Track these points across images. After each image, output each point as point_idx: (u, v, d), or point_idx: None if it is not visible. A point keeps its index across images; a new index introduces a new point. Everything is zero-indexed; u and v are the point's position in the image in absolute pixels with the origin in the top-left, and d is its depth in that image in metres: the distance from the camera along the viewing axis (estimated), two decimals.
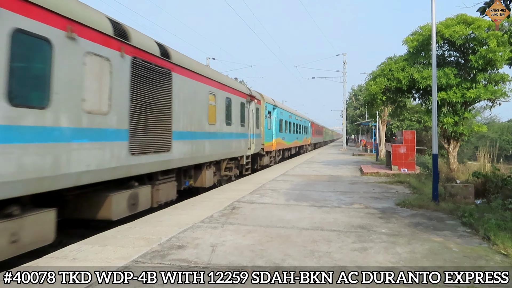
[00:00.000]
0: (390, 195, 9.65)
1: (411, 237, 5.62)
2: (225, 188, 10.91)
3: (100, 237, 5.57)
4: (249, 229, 6.01)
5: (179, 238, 5.45)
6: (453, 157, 12.92)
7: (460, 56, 12.81)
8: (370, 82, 14.23)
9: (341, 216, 7.05)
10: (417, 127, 27.25)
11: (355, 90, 54.59)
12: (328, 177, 13.97)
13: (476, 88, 11.28)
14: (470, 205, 7.76)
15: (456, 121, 11.93)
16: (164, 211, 7.55)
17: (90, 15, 5.96)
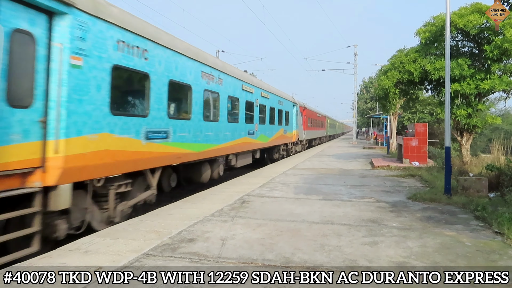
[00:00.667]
0: (401, 189, 9.55)
1: (422, 231, 5.56)
2: (235, 181, 10.93)
3: (112, 230, 5.64)
4: (259, 223, 6.02)
5: (190, 232, 5.49)
6: (466, 149, 12.71)
7: (474, 47, 12.54)
8: (382, 76, 14.03)
9: (351, 210, 7.01)
10: (429, 119, 26.87)
11: (366, 83, 53.93)
12: (338, 170, 13.89)
13: (490, 79, 11.03)
14: (483, 199, 7.65)
15: (470, 113, 11.70)
16: (174, 205, 7.60)
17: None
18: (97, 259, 4.30)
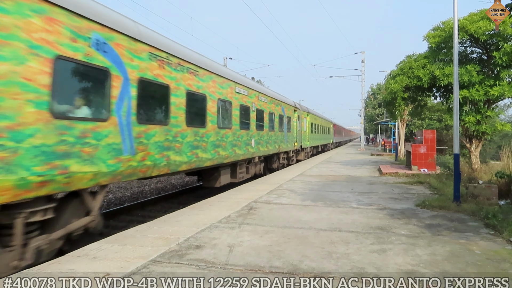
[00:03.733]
0: (410, 196, 9.47)
1: (431, 239, 5.50)
2: (242, 188, 10.93)
3: (120, 236, 5.66)
4: (267, 230, 6.00)
5: (197, 238, 5.50)
6: (475, 156, 12.59)
7: (483, 53, 12.47)
8: (390, 81, 14.01)
9: (359, 217, 6.96)
10: (437, 126, 26.68)
11: (374, 89, 53.78)
12: (346, 177, 13.82)
13: (500, 86, 10.96)
14: (493, 206, 7.54)
15: (479, 120, 11.62)
16: (182, 211, 7.62)
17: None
18: (105, 265, 4.32)
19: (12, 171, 4.30)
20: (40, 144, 4.67)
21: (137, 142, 6.61)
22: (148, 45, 7.04)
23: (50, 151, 4.81)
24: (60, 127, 4.99)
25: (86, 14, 5.45)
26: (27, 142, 4.50)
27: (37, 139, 4.64)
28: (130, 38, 6.49)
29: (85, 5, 5.55)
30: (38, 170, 4.63)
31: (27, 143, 4.49)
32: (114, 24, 6.10)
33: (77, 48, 5.32)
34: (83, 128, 5.39)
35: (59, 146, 4.95)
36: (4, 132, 4.23)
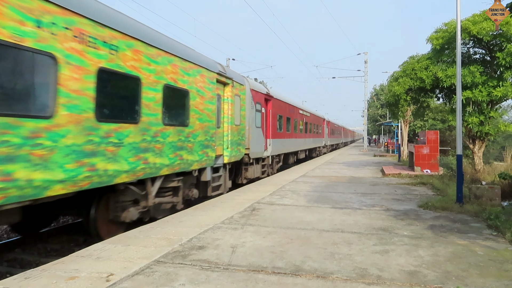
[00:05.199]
0: (413, 197, 9.46)
1: (434, 240, 5.50)
2: (245, 189, 10.96)
3: (123, 237, 5.70)
4: (269, 231, 6.02)
5: (200, 239, 5.52)
6: (478, 157, 12.55)
7: (486, 54, 12.44)
8: (393, 83, 13.99)
9: (362, 218, 6.97)
10: (440, 126, 26.61)
11: (377, 90, 53.68)
12: (348, 178, 13.82)
13: (503, 86, 10.93)
14: (496, 207, 7.53)
15: (482, 121, 11.59)
16: (185, 212, 7.65)
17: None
18: (109, 266, 4.35)
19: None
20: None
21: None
22: None
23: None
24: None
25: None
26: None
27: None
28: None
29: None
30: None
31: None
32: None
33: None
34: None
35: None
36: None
